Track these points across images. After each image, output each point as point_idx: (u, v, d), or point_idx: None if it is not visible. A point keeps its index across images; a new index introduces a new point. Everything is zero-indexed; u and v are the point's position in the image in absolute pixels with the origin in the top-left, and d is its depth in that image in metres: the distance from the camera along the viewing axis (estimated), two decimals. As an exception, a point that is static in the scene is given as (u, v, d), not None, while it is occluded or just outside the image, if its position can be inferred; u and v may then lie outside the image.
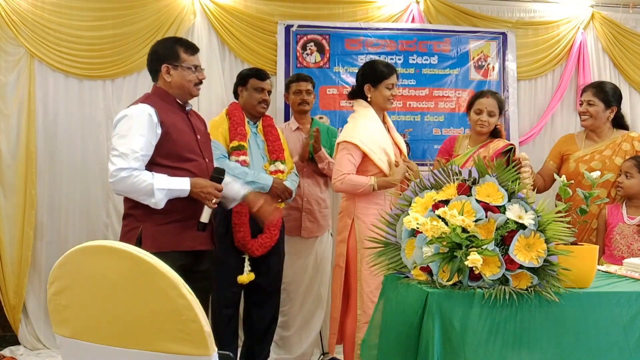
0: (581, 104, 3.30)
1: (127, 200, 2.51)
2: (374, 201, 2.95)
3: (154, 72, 2.59)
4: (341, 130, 3.99)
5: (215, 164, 2.70)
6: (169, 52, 2.55)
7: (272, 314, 3.32)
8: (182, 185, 2.42)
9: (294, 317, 3.64)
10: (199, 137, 2.61)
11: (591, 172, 3.07)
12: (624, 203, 3.04)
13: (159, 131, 2.44)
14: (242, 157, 3.10)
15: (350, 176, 2.91)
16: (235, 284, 3.09)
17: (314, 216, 3.55)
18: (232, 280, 3.08)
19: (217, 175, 2.54)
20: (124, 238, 2.47)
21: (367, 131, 2.96)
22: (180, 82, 2.54)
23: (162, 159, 2.45)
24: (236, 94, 3.37)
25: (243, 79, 3.30)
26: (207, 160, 2.61)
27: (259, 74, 3.29)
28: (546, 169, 3.41)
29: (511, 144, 3.13)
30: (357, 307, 2.95)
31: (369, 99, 3.04)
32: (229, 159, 3.10)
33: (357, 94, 3.10)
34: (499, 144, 3.17)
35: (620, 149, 3.18)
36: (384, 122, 3.10)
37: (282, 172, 3.20)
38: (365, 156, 2.94)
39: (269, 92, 3.30)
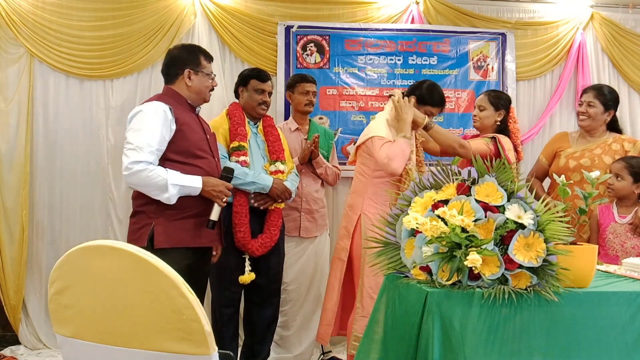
0: (580, 104, 3.36)
1: (137, 197, 2.54)
2: (381, 201, 2.99)
3: (172, 75, 2.65)
4: (337, 130, 4.04)
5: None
6: (192, 57, 2.65)
7: (272, 313, 3.31)
8: (194, 183, 2.49)
9: (293, 316, 3.64)
10: (208, 136, 2.71)
11: (580, 168, 3.13)
12: (614, 203, 3.06)
13: (174, 127, 2.51)
14: (242, 158, 3.09)
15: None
16: (235, 283, 3.09)
17: (312, 216, 3.57)
18: (232, 280, 3.09)
19: (227, 175, 2.64)
20: (134, 235, 2.50)
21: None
22: (199, 87, 2.64)
23: (174, 155, 2.51)
24: (237, 94, 3.35)
25: (244, 79, 3.28)
26: (216, 159, 2.70)
27: (260, 75, 3.27)
28: (541, 168, 3.50)
29: (494, 135, 3.16)
30: (357, 300, 2.98)
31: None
32: (229, 159, 3.10)
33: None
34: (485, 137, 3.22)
35: (610, 148, 3.27)
36: None
37: (282, 172, 3.19)
38: None
39: (270, 94, 3.29)
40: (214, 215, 2.55)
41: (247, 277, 3.08)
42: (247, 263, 3.10)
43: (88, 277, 1.48)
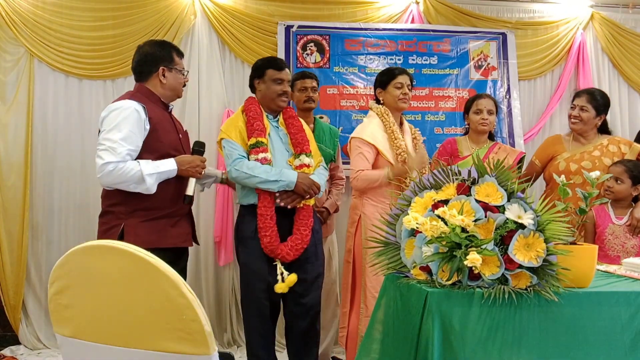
0: (573, 108, 3.37)
1: (107, 197, 2.55)
2: (380, 199, 3.02)
3: (146, 73, 2.64)
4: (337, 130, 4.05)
5: (234, 166, 2.80)
6: (166, 54, 2.63)
7: (309, 326, 2.97)
8: (169, 166, 2.51)
9: None
10: (180, 135, 2.70)
11: (582, 171, 3.14)
12: (609, 204, 3.08)
13: (148, 127, 2.50)
14: (261, 155, 2.82)
15: (364, 172, 3.01)
16: (266, 294, 2.83)
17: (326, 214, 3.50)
18: (264, 290, 2.82)
19: (199, 149, 2.67)
20: (103, 236, 2.48)
21: (376, 130, 3.08)
22: (173, 84, 2.65)
23: (147, 155, 2.50)
24: (252, 88, 3.05)
25: (259, 70, 2.97)
26: None
27: (277, 63, 2.95)
28: (534, 170, 3.48)
29: (524, 153, 3.32)
30: (361, 301, 3.02)
31: (381, 102, 3.18)
32: (248, 158, 2.84)
33: (376, 101, 3.24)
34: (513, 153, 3.31)
35: (607, 150, 3.30)
36: (401, 125, 3.19)
37: (308, 166, 2.90)
38: (378, 153, 3.04)
39: (288, 82, 2.98)
40: (190, 190, 2.58)
41: (284, 285, 2.77)
42: (280, 270, 2.80)
43: (88, 277, 1.48)
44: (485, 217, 1.81)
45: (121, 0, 3.93)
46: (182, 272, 2.75)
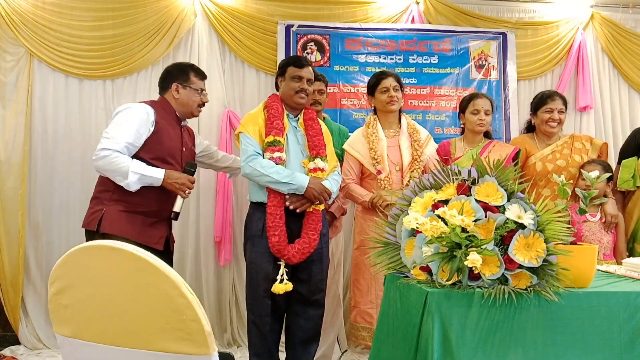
0: (551, 111, 3.36)
1: (98, 184, 2.75)
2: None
3: (164, 88, 2.90)
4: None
5: (248, 162, 2.83)
6: (182, 73, 2.89)
7: (311, 327, 2.98)
8: (156, 174, 2.66)
9: None
10: (184, 149, 2.87)
11: (558, 170, 3.20)
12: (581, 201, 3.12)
13: (152, 128, 2.71)
14: (276, 154, 2.82)
15: (353, 186, 3.13)
16: (271, 293, 2.82)
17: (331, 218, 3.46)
18: (267, 289, 2.83)
19: (190, 169, 2.80)
20: (88, 219, 2.70)
21: (359, 138, 3.19)
22: (186, 101, 2.88)
23: (144, 154, 2.69)
24: (277, 86, 3.09)
25: (281, 69, 3.02)
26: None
27: (297, 61, 2.98)
28: None
29: (519, 148, 3.32)
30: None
31: (373, 108, 3.26)
32: (263, 156, 2.85)
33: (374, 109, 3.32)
34: (508, 149, 3.30)
35: (574, 147, 3.37)
36: (399, 126, 3.20)
37: (322, 170, 2.89)
38: (361, 163, 3.13)
39: (309, 81, 2.98)
40: (177, 207, 2.74)
41: (282, 286, 2.78)
42: (284, 271, 2.80)
43: (88, 277, 1.48)
44: (485, 217, 1.81)
45: (121, 0, 3.92)
46: None
